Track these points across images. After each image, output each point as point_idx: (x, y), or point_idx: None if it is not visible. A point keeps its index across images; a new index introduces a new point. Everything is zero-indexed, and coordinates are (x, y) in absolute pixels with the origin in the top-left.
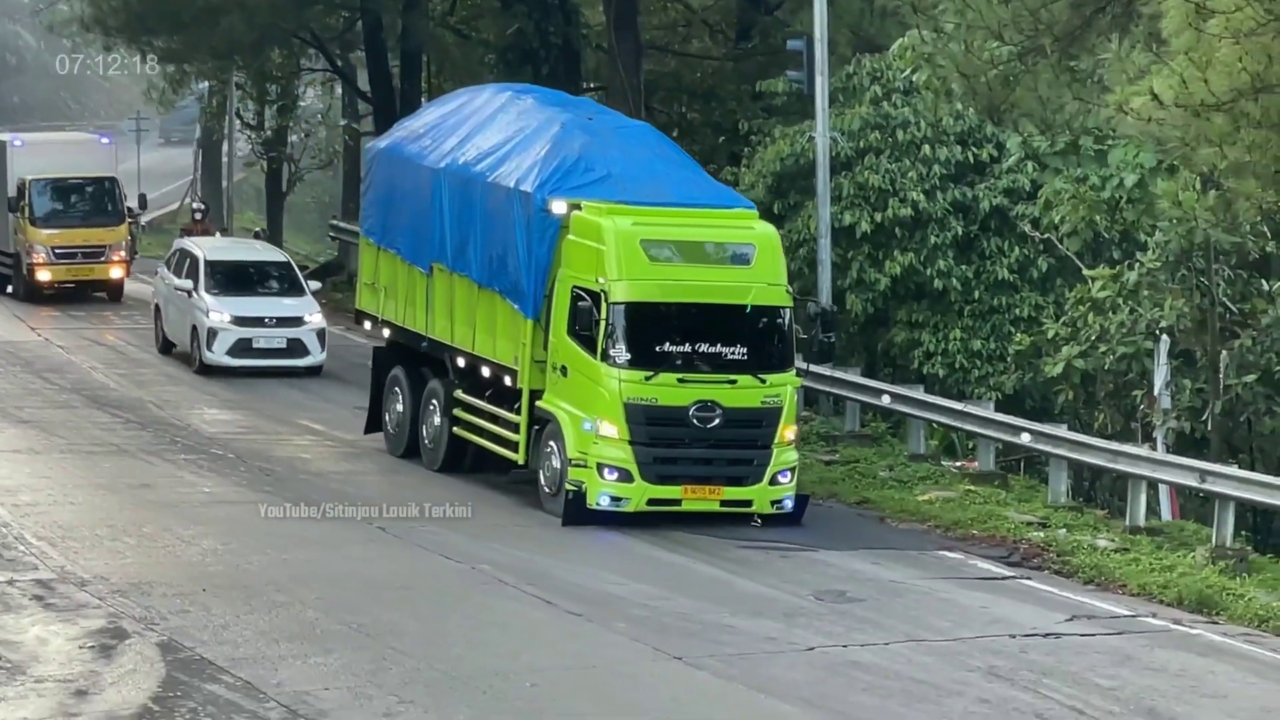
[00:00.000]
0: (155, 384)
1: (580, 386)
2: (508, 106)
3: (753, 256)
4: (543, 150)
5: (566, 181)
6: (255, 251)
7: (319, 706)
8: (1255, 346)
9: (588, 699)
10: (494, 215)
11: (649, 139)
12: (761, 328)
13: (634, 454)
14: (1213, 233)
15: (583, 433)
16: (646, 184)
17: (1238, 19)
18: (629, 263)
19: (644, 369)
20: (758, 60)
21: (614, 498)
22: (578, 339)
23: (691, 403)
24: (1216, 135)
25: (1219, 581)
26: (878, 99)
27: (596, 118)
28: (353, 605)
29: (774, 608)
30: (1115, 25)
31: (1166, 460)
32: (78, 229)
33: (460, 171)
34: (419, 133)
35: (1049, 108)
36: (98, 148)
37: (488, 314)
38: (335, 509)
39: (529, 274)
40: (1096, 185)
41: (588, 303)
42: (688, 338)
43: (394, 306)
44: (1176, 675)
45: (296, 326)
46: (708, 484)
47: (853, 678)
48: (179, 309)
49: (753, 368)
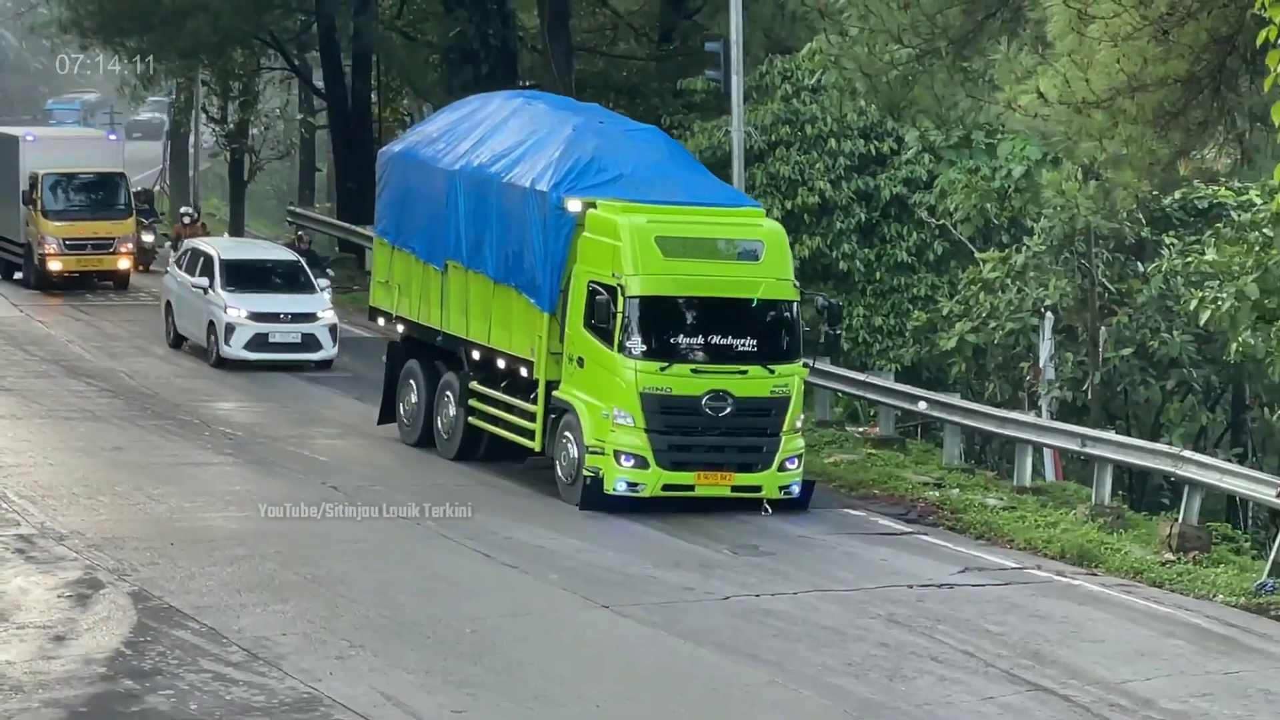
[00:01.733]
0: (127, 356)
1: (597, 377)
2: (520, 111)
3: (761, 253)
4: (557, 152)
5: (581, 181)
6: (265, 250)
7: (277, 650)
8: (1131, 323)
9: (523, 644)
10: (510, 214)
11: (657, 141)
12: (770, 320)
13: (649, 441)
14: (1093, 219)
15: (600, 421)
16: (658, 184)
17: (1116, 24)
18: (644, 258)
19: (659, 360)
20: (678, 60)
21: (630, 483)
22: (594, 331)
23: (704, 392)
24: (1096, 130)
25: (1098, 537)
26: (788, 96)
27: (606, 121)
28: (307, 558)
29: (692, 560)
30: (1004, 29)
31: (1050, 426)
32: (87, 221)
33: (475, 173)
34: (432, 137)
35: (944, 105)
36: (105, 144)
37: (503, 309)
38: (289, 470)
39: (545, 270)
40: (987, 175)
41: (605, 297)
42: (700, 330)
43: (408, 303)
44: (1059, 622)
45: (310, 322)
46: (719, 470)
47: (764, 624)
48: (193, 305)
49: (762, 359)
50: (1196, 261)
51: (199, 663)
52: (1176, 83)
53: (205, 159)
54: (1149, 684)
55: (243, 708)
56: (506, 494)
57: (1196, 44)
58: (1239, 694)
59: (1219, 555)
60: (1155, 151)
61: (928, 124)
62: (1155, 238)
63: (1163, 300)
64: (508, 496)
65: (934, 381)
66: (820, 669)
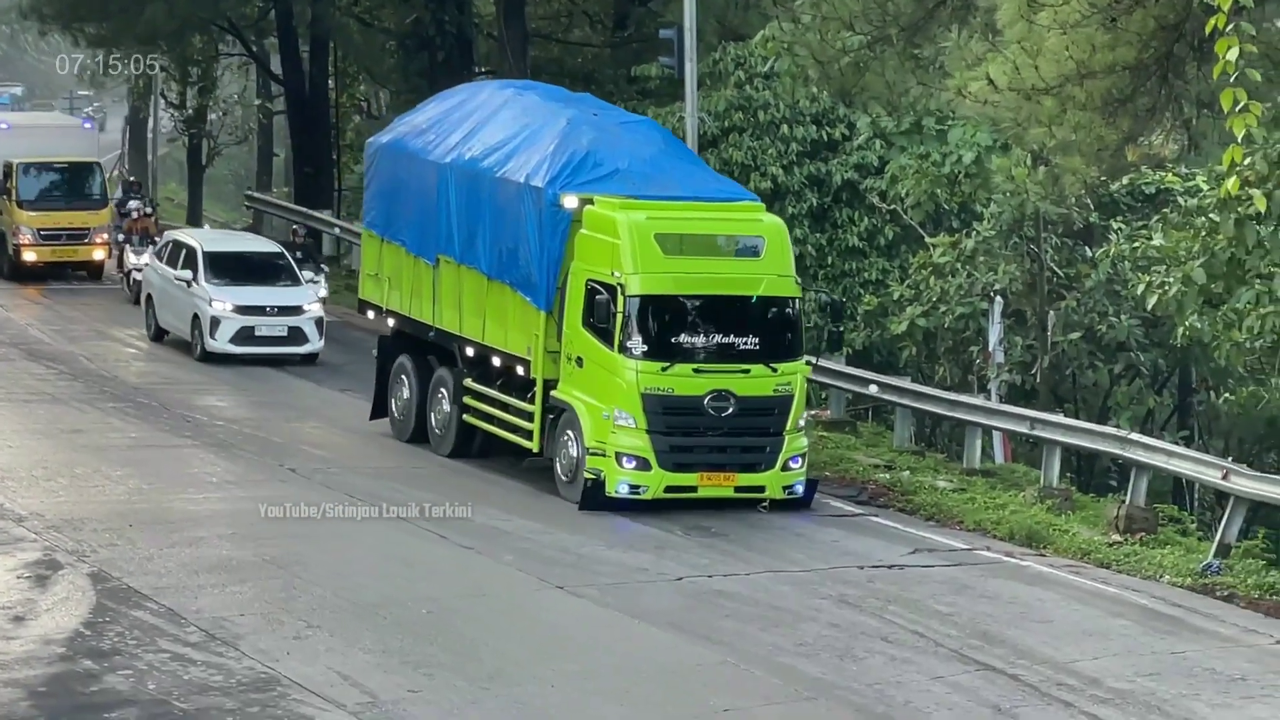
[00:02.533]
0: (87, 339)
1: (597, 377)
2: (511, 103)
3: (762, 248)
4: (551, 145)
5: (577, 176)
6: (249, 242)
7: (234, 630)
8: (1079, 307)
9: (478, 624)
10: (504, 209)
11: (653, 134)
12: (772, 318)
13: (651, 443)
14: (1042, 205)
15: (600, 422)
16: (655, 178)
17: (1065, 11)
18: (644, 256)
19: (660, 360)
20: (633, 47)
21: (632, 485)
22: (594, 331)
23: (706, 392)
24: (1046, 117)
25: (1046, 518)
26: (741, 83)
27: (600, 113)
28: (265, 539)
29: (646, 541)
30: (955, 17)
31: (999, 409)
32: (62, 212)
33: (467, 166)
34: (421, 128)
35: (895, 91)
36: (80, 132)
37: (498, 305)
38: (247, 453)
39: (541, 267)
40: (938, 161)
41: (605, 296)
42: (702, 329)
43: (398, 297)
44: (1008, 602)
45: (297, 315)
46: (723, 471)
47: (717, 605)
48: (176, 298)
49: (764, 357)
50: (1144, 246)
51: (157, 643)
52: (1124, 70)
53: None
54: (1096, 663)
55: (201, 687)
56: (462, 476)
57: (1144, 31)
58: (1185, 673)
59: (1166, 536)
60: (1103, 138)
61: (879, 110)
62: (1103, 223)
63: (1110, 285)
64: (463, 479)
65: (885, 365)
66: (772, 649)
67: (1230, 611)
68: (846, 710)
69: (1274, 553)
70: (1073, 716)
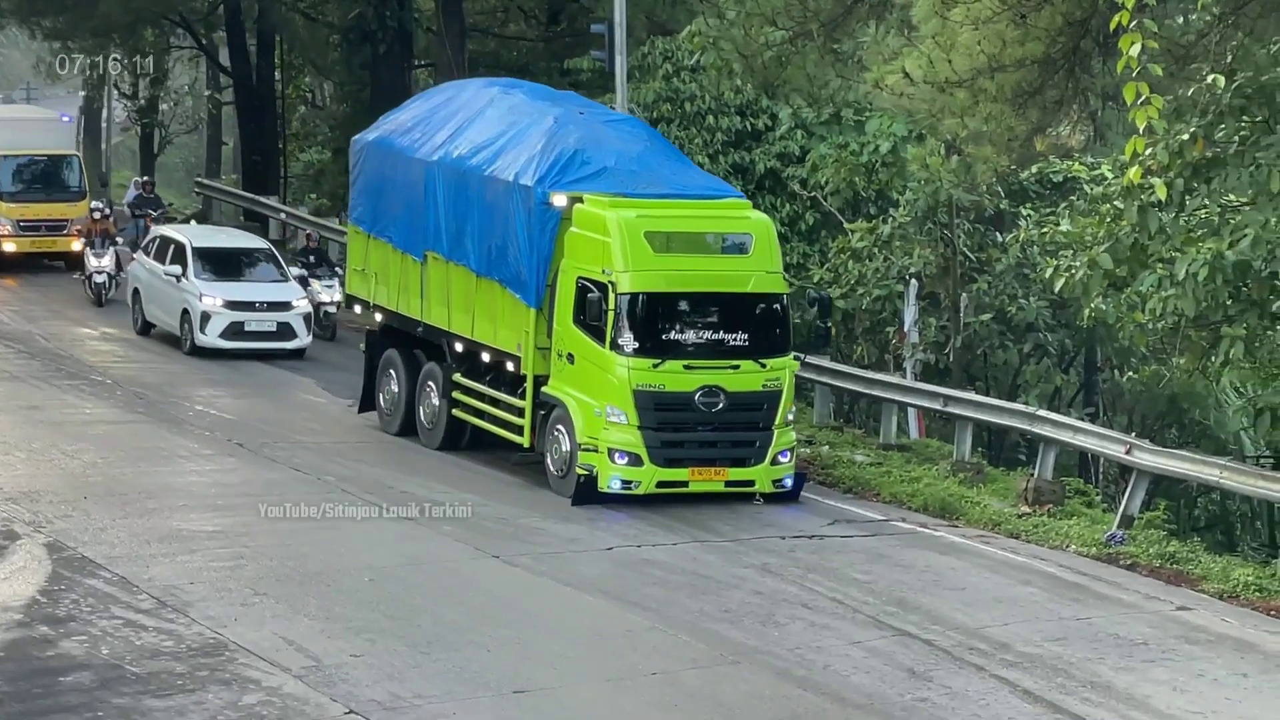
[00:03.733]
0: (44, 319)
1: (588, 374)
2: (497, 101)
3: (750, 245)
4: (539, 144)
5: (565, 175)
6: (236, 238)
7: (184, 598)
8: (990, 290)
9: (418, 591)
10: (493, 208)
11: (639, 131)
12: (760, 314)
13: (643, 438)
14: (955, 192)
15: (593, 418)
16: (642, 176)
17: (977, 8)
18: (635, 254)
19: (651, 357)
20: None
21: (625, 481)
22: (585, 328)
23: (697, 388)
24: (958, 108)
25: (958, 491)
26: (669, 75)
27: (586, 112)
28: (213, 510)
29: (578, 513)
30: (872, 13)
31: (914, 387)
32: (42, 204)
33: (455, 164)
34: (407, 126)
35: (815, 84)
36: (59, 125)
37: (487, 302)
38: (197, 428)
39: (531, 265)
40: (856, 151)
41: (596, 294)
42: (692, 325)
43: (386, 292)
44: (922, 571)
45: (285, 311)
46: (713, 465)
47: (646, 573)
48: (164, 293)
49: (753, 353)
50: (1052, 232)
51: (111, 610)
52: (1033, 64)
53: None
54: (1006, 629)
55: (152, 652)
56: (404, 450)
57: (1052, 27)
58: (1090, 638)
59: (1072, 508)
60: (1013, 128)
61: (800, 102)
62: (1013, 209)
63: (1020, 268)
64: (405, 453)
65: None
66: (698, 615)
67: (1133, 579)
68: (768, 673)
69: (1174, 524)
70: (983, 679)
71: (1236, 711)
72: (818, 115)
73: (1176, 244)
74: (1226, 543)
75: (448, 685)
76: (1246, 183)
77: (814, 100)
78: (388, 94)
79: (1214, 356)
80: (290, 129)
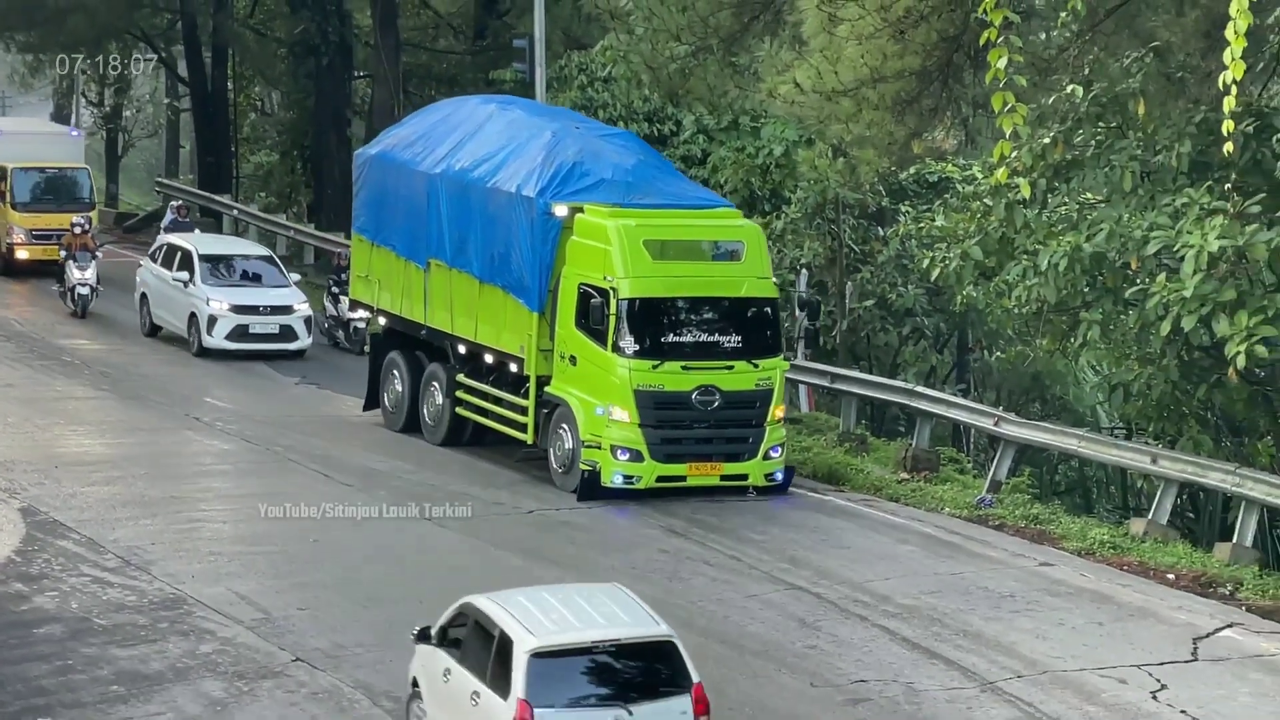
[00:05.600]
0: (16, 306)
1: (590, 375)
2: (496, 117)
3: (742, 252)
4: (539, 157)
5: (565, 186)
6: (239, 246)
7: (146, 557)
8: (873, 279)
9: (357, 553)
10: (495, 218)
11: (632, 145)
12: (753, 317)
13: (643, 436)
14: (841, 191)
15: (595, 417)
16: (638, 187)
17: (860, 25)
18: (634, 261)
19: (651, 359)
20: (490, 55)
21: (626, 476)
22: (587, 331)
23: (694, 388)
24: (844, 115)
25: (844, 459)
26: (584, 86)
27: (581, 126)
28: (171, 478)
29: (501, 480)
30: (767, 30)
31: (806, 365)
32: (53, 214)
33: (457, 177)
34: (409, 140)
35: (716, 93)
36: (69, 140)
37: (490, 307)
38: (158, 402)
39: (533, 271)
40: (752, 154)
41: (598, 300)
42: (688, 328)
43: (389, 297)
44: (812, 531)
45: (288, 314)
46: (709, 461)
47: (563, 534)
48: (172, 297)
49: (746, 354)
50: (928, 226)
51: (80, 568)
52: (911, 75)
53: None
54: (887, 583)
55: (117, 606)
56: (347, 425)
57: (928, 43)
58: (962, 591)
59: (946, 475)
60: (893, 133)
61: (702, 109)
62: (893, 206)
63: (899, 259)
64: (347, 427)
65: None
66: (610, 571)
67: (1000, 538)
68: (674, 624)
69: (1037, 488)
70: (867, 629)
71: (1093, 656)
72: (718, 122)
73: (1039, 237)
74: (1084, 505)
75: (385, 635)
76: (1102, 182)
77: (714, 108)
78: (330, 102)
79: (1073, 338)
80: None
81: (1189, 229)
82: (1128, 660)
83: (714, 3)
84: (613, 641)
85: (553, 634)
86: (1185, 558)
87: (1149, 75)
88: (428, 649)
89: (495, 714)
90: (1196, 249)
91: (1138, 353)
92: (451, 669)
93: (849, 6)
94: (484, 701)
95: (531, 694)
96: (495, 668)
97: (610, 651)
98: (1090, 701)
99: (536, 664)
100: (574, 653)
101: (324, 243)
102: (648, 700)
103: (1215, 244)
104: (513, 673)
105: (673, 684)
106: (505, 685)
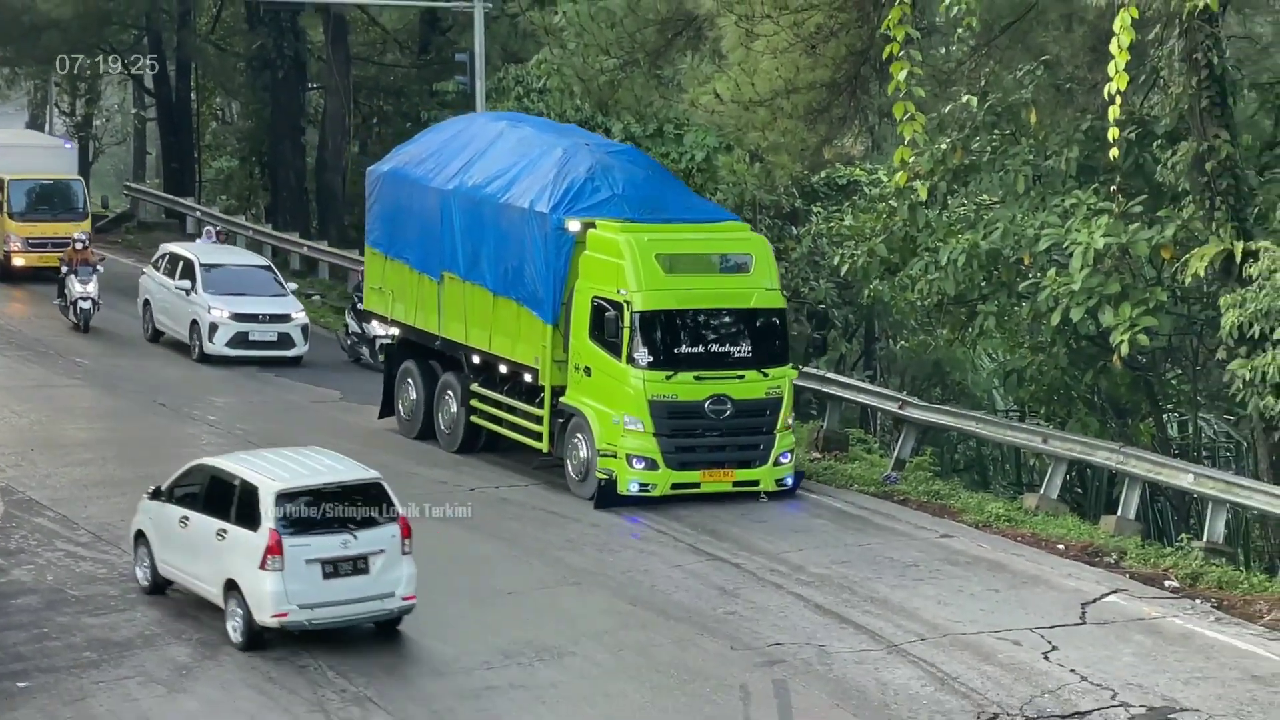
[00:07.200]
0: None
1: (605, 386)
2: (506, 134)
3: (751, 265)
4: (551, 173)
5: (578, 202)
6: (239, 255)
7: (116, 533)
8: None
9: None
10: (508, 233)
11: (640, 161)
12: (762, 327)
13: (658, 445)
14: (757, 193)
15: (610, 426)
16: (648, 202)
17: (775, 40)
18: (647, 275)
19: (664, 369)
20: (434, 68)
21: (642, 484)
22: (601, 343)
23: (706, 397)
24: (760, 123)
25: None
26: (520, 96)
27: (591, 143)
28: (141, 460)
29: (445, 459)
30: (689, 45)
31: None
32: (48, 223)
33: (470, 193)
34: (420, 157)
35: (642, 103)
36: (63, 151)
37: (504, 319)
38: (129, 390)
39: (547, 285)
40: (676, 159)
41: (613, 313)
42: (700, 339)
43: (403, 309)
44: (731, 506)
45: (285, 322)
46: (722, 468)
47: (503, 509)
48: (174, 305)
49: (756, 363)
50: (838, 226)
51: (54, 543)
52: (822, 87)
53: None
54: (801, 554)
55: (89, 578)
56: (300, 412)
57: (838, 56)
58: (870, 560)
59: (854, 454)
60: (805, 140)
61: (629, 118)
62: (806, 207)
63: (812, 256)
64: (299, 414)
65: None
66: (545, 544)
67: (905, 512)
68: (604, 591)
69: (939, 466)
70: (782, 596)
71: (989, 620)
72: (644, 129)
73: (940, 236)
74: (981, 482)
75: None
76: (997, 185)
77: (641, 117)
78: (285, 112)
79: (971, 328)
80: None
81: (1077, 227)
82: (1022, 624)
83: (640, 20)
84: (337, 484)
85: (289, 480)
86: (1074, 529)
87: (1040, 86)
88: (156, 505)
89: (245, 542)
90: (1084, 246)
91: (1030, 341)
92: (190, 516)
93: (765, 23)
94: (232, 535)
95: (279, 526)
96: (241, 509)
97: (335, 492)
98: (987, 662)
99: (281, 502)
100: (308, 493)
101: (280, 241)
102: (366, 529)
103: (1101, 241)
104: (261, 511)
105: (384, 514)
106: (253, 521)
